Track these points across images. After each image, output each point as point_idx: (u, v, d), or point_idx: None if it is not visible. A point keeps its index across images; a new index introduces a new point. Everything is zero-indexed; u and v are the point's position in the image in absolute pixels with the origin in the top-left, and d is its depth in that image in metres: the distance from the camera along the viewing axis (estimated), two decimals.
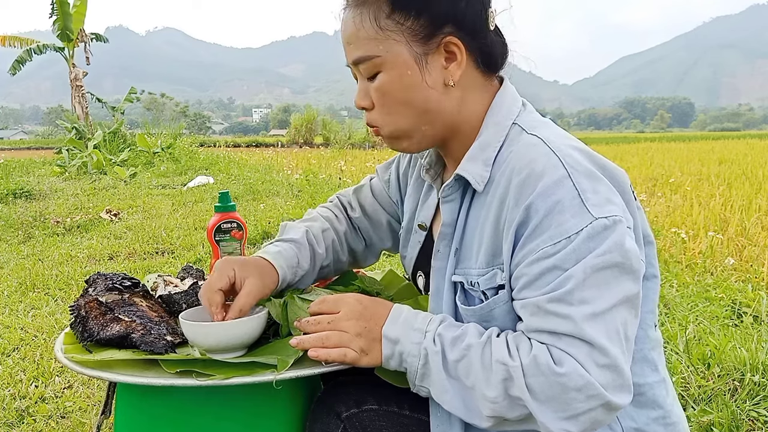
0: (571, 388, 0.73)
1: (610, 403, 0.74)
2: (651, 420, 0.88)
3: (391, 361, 0.86)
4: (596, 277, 0.75)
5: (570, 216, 0.76)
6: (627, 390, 0.75)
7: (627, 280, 0.76)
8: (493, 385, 0.77)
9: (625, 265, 0.76)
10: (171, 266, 4.15)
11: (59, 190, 8.51)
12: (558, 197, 0.77)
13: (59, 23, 15.46)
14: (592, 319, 0.74)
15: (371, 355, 0.87)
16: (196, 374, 0.88)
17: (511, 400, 0.77)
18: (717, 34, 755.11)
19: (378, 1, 0.87)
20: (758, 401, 1.97)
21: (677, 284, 3.29)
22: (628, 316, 0.77)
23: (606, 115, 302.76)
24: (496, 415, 0.78)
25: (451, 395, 0.82)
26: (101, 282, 1.10)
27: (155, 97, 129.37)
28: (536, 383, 0.75)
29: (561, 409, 0.74)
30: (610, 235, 0.76)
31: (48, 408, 2.16)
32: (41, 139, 43.90)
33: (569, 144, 0.84)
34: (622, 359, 0.74)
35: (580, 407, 0.74)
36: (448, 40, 0.87)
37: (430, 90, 0.88)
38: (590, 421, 0.75)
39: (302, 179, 8.64)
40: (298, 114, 31.87)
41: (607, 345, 0.74)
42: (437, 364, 0.82)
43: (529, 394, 0.75)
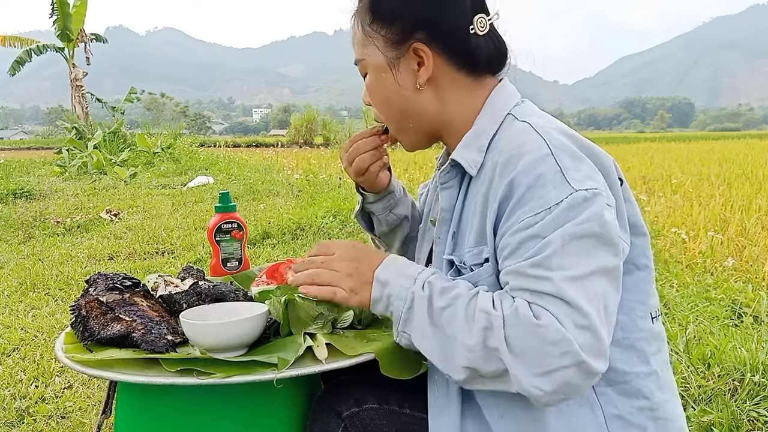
0: (547, 340, 0.74)
1: (585, 364, 0.73)
2: (634, 409, 0.88)
3: (379, 304, 0.89)
4: (574, 245, 0.77)
5: (551, 188, 0.79)
6: (603, 356, 0.75)
7: (605, 252, 0.78)
8: (473, 334, 0.78)
9: (603, 235, 0.78)
10: (171, 266, 4.15)
11: (59, 190, 8.51)
12: (540, 172, 0.81)
13: (59, 23, 15.46)
14: (571, 281, 0.76)
15: (360, 296, 0.91)
16: (197, 373, 0.88)
17: (487, 351, 0.77)
18: (717, 34, 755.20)
19: (364, 12, 0.98)
20: (758, 401, 1.97)
21: (677, 284, 3.29)
22: (608, 288, 0.78)
23: (606, 115, 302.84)
24: (472, 366, 0.78)
25: (431, 342, 0.83)
26: (102, 282, 1.10)
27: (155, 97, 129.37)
28: (514, 334, 0.76)
29: (535, 364, 0.74)
30: (590, 207, 0.78)
31: (48, 408, 2.16)
32: (41, 139, 43.89)
33: (556, 128, 0.88)
34: (599, 325, 0.75)
35: (553, 363, 0.73)
36: (416, 46, 0.94)
37: (403, 91, 0.97)
38: (563, 381, 0.74)
39: (302, 179, 8.64)
40: (298, 114, 31.87)
41: (587, 307, 0.75)
42: (422, 309, 0.83)
43: (506, 346, 0.76)
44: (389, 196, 1.20)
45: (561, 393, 0.75)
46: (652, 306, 0.92)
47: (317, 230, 4.98)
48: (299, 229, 5.03)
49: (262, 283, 1.22)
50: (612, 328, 0.78)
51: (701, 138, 33.72)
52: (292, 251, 4.42)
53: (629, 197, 0.91)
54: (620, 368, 0.87)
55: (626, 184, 0.91)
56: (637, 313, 0.89)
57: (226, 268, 1.50)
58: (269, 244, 4.69)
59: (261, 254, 4.37)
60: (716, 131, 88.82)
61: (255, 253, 4.38)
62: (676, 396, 0.95)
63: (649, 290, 0.92)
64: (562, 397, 0.76)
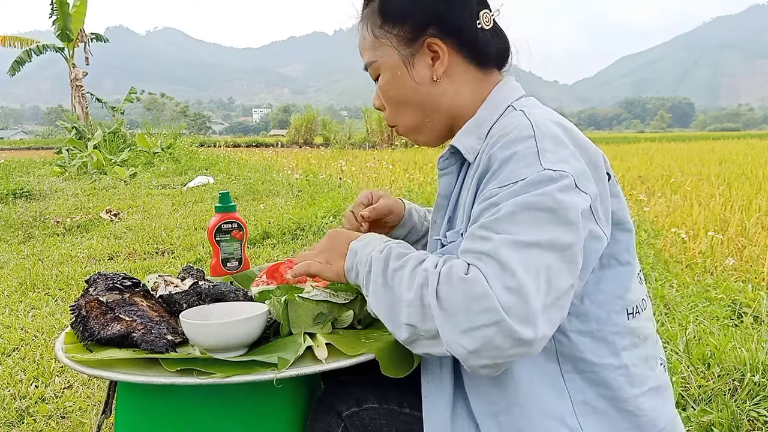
0: (470, 295, 0.74)
1: (506, 324, 0.72)
2: (598, 396, 0.88)
3: (351, 272, 0.92)
4: (526, 215, 0.78)
5: (523, 165, 0.81)
6: (531, 325, 0.73)
7: (558, 228, 0.77)
8: (413, 290, 0.80)
9: (558, 212, 0.77)
10: (171, 266, 4.15)
11: (59, 190, 8.51)
12: (516, 149, 0.83)
13: (59, 23, 15.46)
14: (511, 245, 0.76)
15: (335, 266, 0.96)
16: (197, 373, 0.89)
17: (424, 308, 0.78)
18: (717, 34, 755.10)
19: (372, 15, 1.01)
20: (758, 401, 1.97)
21: (677, 284, 3.29)
22: (556, 262, 0.76)
23: (606, 115, 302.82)
24: (411, 323, 0.79)
25: (381, 301, 0.85)
26: (102, 282, 1.10)
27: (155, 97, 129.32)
28: (444, 290, 0.77)
29: (459, 321, 0.75)
30: (551, 185, 0.78)
31: (48, 408, 2.16)
32: (41, 139, 43.89)
33: (549, 117, 0.90)
34: (533, 292, 0.73)
35: (475, 320, 0.73)
36: (430, 40, 0.97)
37: (420, 86, 0.99)
38: (484, 340, 0.73)
39: (302, 179, 8.64)
40: (298, 114, 31.87)
41: (518, 271, 0.74)
42: (377, 269, 0.86)
43: (437, 301, 0.77)
44: (405, 227, 1.24)
45: (484, 355, 0.74)
46: (630, 302, 0.91)
47: (317, 230, 4.98)
48: (299, 229, 5.03)
49: (262, 283, 1.22)
50: (558, 307, 0.76)
51: (701, 138, 33.69)
52: (292, 251, 4.42)
53: (617, 192, 0.91)
54: (589, 358, 0.88)
55: (614, 180, 0.92)
56: (613, 308, 0.89)
57: (226, 268, 1.50)
58: (269, 244, 4.70)
59: (261, 254, 4.37)
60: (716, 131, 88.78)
61: (255, 253, 4.38)
62: (658, 393, 0.93)
63: (628, 286, 0.91)
64: (487, 361, 0.75)
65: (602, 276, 0.88)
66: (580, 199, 0.80)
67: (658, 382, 0.94)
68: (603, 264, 0.88)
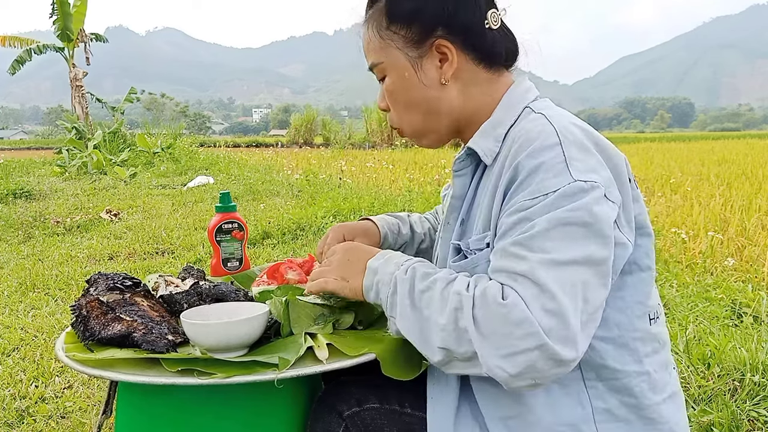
0: (510, 321, 0.74)
1: (549, 347, 0.72)
2: (621, 404, 0.88)
3: (371, 292, 0.92)
4: (561, 231, 0.77)
5: (552, 175, 0.80)
6: (571, 344, 0.73)
7: (593, 243, 0.77)
8: (446, 314, 0.79)
9: (593, 226, 0.77)
10: (171, 266, 4.15)
11: (59, 190, 8.51)
12: (544, 159, 0.82)
13: (59, 23, 15.45)
14: (547, 264, 0.75)
15: (352, 283, 0.95)
16: (198, 373, 0.88)
17: (458, 332, 0.77)
18: (717, 34, 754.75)
19: (379, 16, 0.99)
20: (758, 401, 1.97)
21: (677, 284, 3.29)
22: (592, 278, 0.76)
23: (606, 115, 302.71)
24: (446, 347, 0.79)
25: (411, 324, 0.84)
26: (102, 282, 1.10)
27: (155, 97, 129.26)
28: (481, 314, 0.76)
29: (500, 345, 0.74)
30: (584, 197, 0.78)
31: (48, 408, 2.16)
32: (41, 139, 43.90)
33: (571, 121, 0.89)
34: (571, 312, 0.73)
35: (517, 345, 0.73)
36: (438, 42, 0.96)
37: (427, 89, 0.98)
38: (527, 364, 0.73)
39: (302, 179, 8.64)
40: (298, 114, 31.86)
41: (557, 292, 0.74)
42: (404, 292, 0.85)
43: (474, 326, 0.76)
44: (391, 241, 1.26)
45: (526, 377, 0.74)
46: (651, 307, 0.91)
47: (317, 230, 4.98)
48: (299, 229, 5.03)
49: (263, 283, 1.22)
50: (593, 321, 0.77)
51: (701, 138, 33.68)
52: (292, 251, 4.42)
53: (638, 197, 0.90)
54: (612, 365, 0.87)
55: (635, 183, 0.91)
56: (635, 313, 0.89)
57: (226, 268, 1.50)
58: (269, 244, 4.70)
59: (261, 254, 4.37)
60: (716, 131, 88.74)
61: (255, 253, 4.38)
62: (675, 400, 0.93)
63: (649, 291, 0.91)
64: (529, 382, 0.75)
65: (624, 282, 0.88)
66: (610, 209, 0.80)
67: (675, 388, 0.94)
68: (624, 270, 0.87)
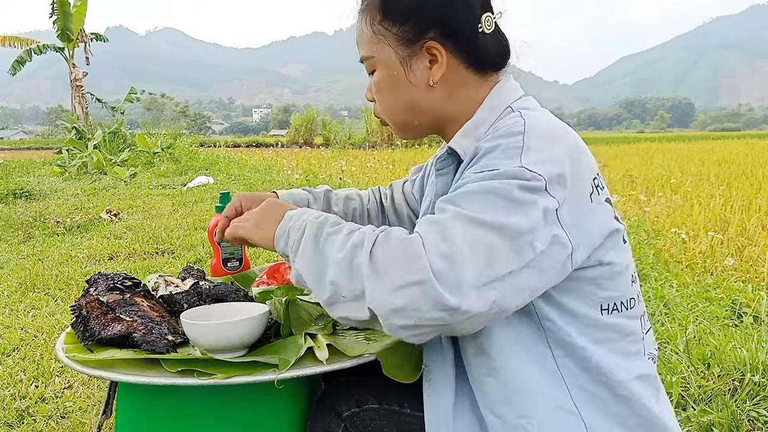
0: (404, 254, 0.75)
1: (432, 286, 0.73)
2: (592, 381, 0.88)
3: (281, 240, 0.91)
4: (487, 196, 0.79)
5: (503, 157, 0.82)
6: (457, 293, 0.73)
7: (515, 215, 0.77)
8: (344, 249, 0.80)
9: (520, 203, 0.78)
10: (171, 266, 4.15)
11: (59, 190, 8.51)
12: (502, 142, 0.84)
13: (59, 23, 15.45)
14: (461, 218, 0.77)
15: (265, 230, 0.94)
16: (198, 373, 0.89)
17: (352, 267, 0.78)
18: (717, 34, 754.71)
19: (374, 9, 0.98)
20: (758, 401, 1.97)
21: (677, 284, 3.29)
22: (502, 246, 0.76)
23: (606, 115, 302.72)
24: (336, 281, 0.79)
25: (308, 260, 0.84)
26: (102, 282, 1.10)
27: (155, 97, 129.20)
28: (379, 251, 0.77)
29: (389, 279, 0.75)
30: (520, 181, 0.79)
31: (48, 408, 2.16)
32: (41, 139, 43.91)
33: (546, 119, 0.90)
34: (466, 264, 0.74)
35: (404, 278, 0.74)
36: (429, 44, 0.96)
37: (414, 89, 0.98)
38: (410, 298, 0.74)
39: (302, 179, 8.64)
40: (298, 114, 31.86)
41: (459, 242, 0.75)
42: (310, 233, 0.86)
43: (369, 260, 0.77)
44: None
45: (406, 315, 0.74)
46: (607, 299, 0.90)
47: None
48: None
49: (263, 283, 1.22)
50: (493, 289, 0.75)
51: (701, 138, 33.66)
52: None
53: (603, 200, 0.89)
54: (579, 343, 0.88)
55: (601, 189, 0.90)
56: (586, 302, 0.89)
57: (226, 268, 1.50)
58: None
59: (261, 254, 4.37)
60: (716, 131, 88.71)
61: (255, 253, 4.38)
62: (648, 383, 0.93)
63: (606, 285, 0.90)
64: (407, 321, 0.75)
65: (580, 274, 0.87)
66: (546, 201, 0.79)
67: (646, 372, 0.94)
68: (583, 264, 0.86)
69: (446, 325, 0.76)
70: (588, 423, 0.87)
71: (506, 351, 0.87)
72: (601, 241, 0.87)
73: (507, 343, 0.87)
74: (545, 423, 0.86)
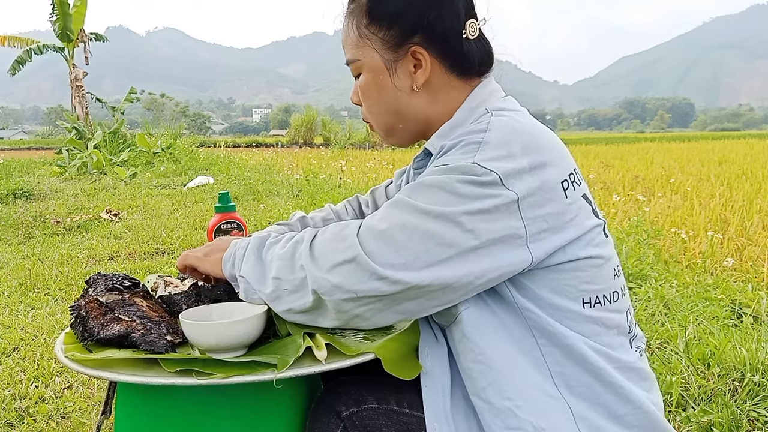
0: (338, 237, 0.85)
1: (363, 259, 0.81)
2: (579, 370, 0.89)
3: (228, 263, 0.98)
4: (433, 189, 0.83)
5: (460, 154, 0.86)
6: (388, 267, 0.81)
7: (460, 205, 0.82)
8: (286, 247, 0.89)
9: (467, 195, 0.82)
10: (171, 266, 4.15)
11: (59, 190, 8.51)
12: (464, 140, 0.88)
13: (59, 23, 15.46)
14: (402, 204, 0.84)
15: (212, 257, 1.01)
16: (197, 373, 0.88)
17: (293, 260, 0.87)
18: (717, 34, 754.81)
19: (360, 13, 1.00)
20: (758, 401, 1.97)
21: (677, 284, 3.29)
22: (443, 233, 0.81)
23: (606, 116, 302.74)
24: (278, 276, 0.88)
25: (251, 264, 0.93)
26: (101, 282, 1.10)
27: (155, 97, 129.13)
28: (318, 240, 0.87)
29: (326, 260, 0.84)
30: (470, 176, 0.82)
31: (48, 408, 2.16)
32: (41, 139, 43.93)
33: (515, 118, 0.92)
34: (401, 246, 0.81)
35: (338, 257, 0.83)
36: (414, 49, 0.97)
37: (399, 92, 1.00)
38: (347, 272, 0.82)
39: (302, 179, 8.64)
40: (298, 114, 31.88)
41: (395, 225, 0.82)
42: (254, 245, 0.94)
43: (309, 250, 0.86)
44: None
45: (348, 288, 0.82)
46: (589, 293, 0.90)
47: None
48: None
49: None
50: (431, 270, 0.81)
51: (701, 138, 33.67)
52: None
53: (580, 196, 0.90)
54: (562, 333, 0.88)
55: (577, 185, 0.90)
56: (567, 296, 0.90)
57: None
58: None
59: None
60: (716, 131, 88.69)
61: None
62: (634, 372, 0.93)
63: (586, 278, 0.90)
64: (351, 295, 0.82)
65: (561, 267, 0.88)
66: (503, 193, 0.82)
67: (634, 362, 0.94)
68: (558, 256, 0.87)
69: (388, 296, 0.82)
70: (575, 411, 0.88)
71: (490, 338, 0.89)
72: (577, 236, 0.88)
73: (491, 330, 0.89)
74: (531, 405, 0.88)
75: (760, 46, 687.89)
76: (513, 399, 0.88)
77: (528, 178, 0.84)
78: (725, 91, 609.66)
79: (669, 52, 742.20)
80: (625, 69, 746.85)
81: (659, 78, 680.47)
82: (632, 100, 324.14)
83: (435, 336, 0.96)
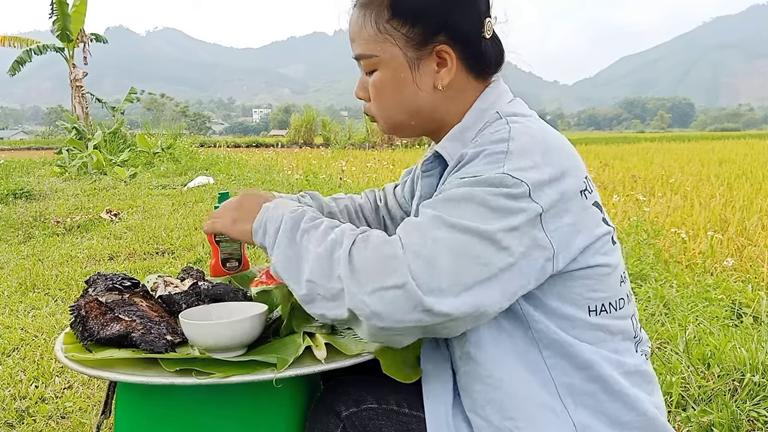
0: (383, 254, 0.77)
1: (411, 287, 0.74)
2: (584, 377, 0.88)
3: (258, 233, 0.93)
4: (468, 203, 0.80)
5: (486, 163, 0.84)
6: (434, 292, 0.75)
7: (496, 220, 0.79)
8: (323, 245, 0.82)
9: (502, 209, 0.79)
10: (171, 266, 4.15)
11: (59, 190, 8.51)
12: (486, 148, 0.85)
13: (59, 23, 15.46)
14: (439, 221, 0.79)
15: (242, 225, 0.97)
16: (196, 373, 0.88)
17: (331, 265, 0.80)
18: (717, 34, 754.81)
19: (380, 6, 0.95)
20: (758, 401, 1.97)
21: (677, 284, 3.29)
22: (482, 251, 0.77)
23: (606, 116, 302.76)
24: (313, 279, 0.81)
25: (285, 255, 0.86)
26: (101, 282, 1.10)
27: (155, 97, 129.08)
28: (357, 251, 0.79)
29: (367, 281, 0.76)
30: (503, 189, 0.80)
31: (48, 408, 2.16)
32: (41, 140, 43.94)
33: (531, 126, 0.90)
34: (446, 268, 0.76)
35: (384, 281, 0.75)
36: (440, 48, 0.94)
37: (420, 91, 0.97)
38: (391, 300, 0.75)
39: (302, 179, 8.64)
40: (298, 114, 31.88)
41: (438, 244, 0.77)
42: (287, 227, 0.87)
43: (348, 259, 0.78)
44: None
45: (386, 318, 0.75)
46: (595, 301, 0.90)
47: None
48: None
49: (262, 283, 1.22)
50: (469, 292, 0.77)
51: (701, 138, 33.63)
52: None
53: (591, 204, 0.89)
54: (568, 342, 0.88)
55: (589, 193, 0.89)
56: (574, 304, 0.89)
57: (225, 268, 1.50)
58: None
59: (261, 254, 4.37)
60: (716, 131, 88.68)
61: (255, 254, 4.38)
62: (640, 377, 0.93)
63: (593, 287, 0.90)
64: (387, 323, 0.76)
65: (567, 277, 0.87)
66: (530, 206, 0.80)
67: (639, 366, 0.94)
68: (569, 266, 0.87)
69: (426, 327, 0.77)
70: (577, 421, 0.87)
71: (494, 354, 0.87)
72: (587, 245, 0.87)
73: (495, 346, 0.87)
74: (534, 425, 0.86)
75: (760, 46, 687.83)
76: (515, 419, 0.86)
77: (549, 190, 0.82)
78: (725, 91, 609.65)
79: (669, 52, 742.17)
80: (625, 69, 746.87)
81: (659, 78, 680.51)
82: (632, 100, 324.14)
83: (437, 341, 0.95)
